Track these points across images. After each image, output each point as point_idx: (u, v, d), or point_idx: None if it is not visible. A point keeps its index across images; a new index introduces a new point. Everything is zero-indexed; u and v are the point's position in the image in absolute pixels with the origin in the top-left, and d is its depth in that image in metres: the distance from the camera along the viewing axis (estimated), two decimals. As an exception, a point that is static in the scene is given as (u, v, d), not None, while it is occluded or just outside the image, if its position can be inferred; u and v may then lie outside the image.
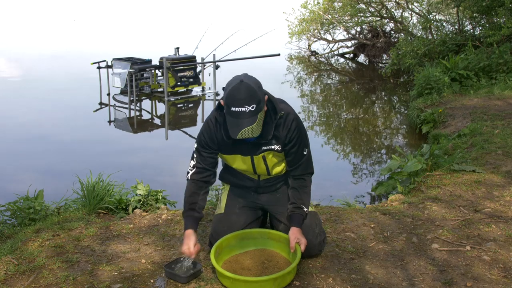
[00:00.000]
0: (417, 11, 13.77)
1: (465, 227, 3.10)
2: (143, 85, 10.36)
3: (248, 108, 2.29)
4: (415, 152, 5.17)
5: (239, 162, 2.64)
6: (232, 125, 2.34)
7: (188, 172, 2.69)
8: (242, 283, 2.36)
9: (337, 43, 16.81)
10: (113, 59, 10.26)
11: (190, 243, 2.51)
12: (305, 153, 2.62)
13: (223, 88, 2.46)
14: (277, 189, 2.82)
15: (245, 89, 2.31)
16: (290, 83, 12.38)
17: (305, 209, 2.63)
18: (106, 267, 2.59)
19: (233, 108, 2.31)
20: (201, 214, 2.65)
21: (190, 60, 10.36)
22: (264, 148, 2.55)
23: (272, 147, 2.56)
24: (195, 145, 2.65)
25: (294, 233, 2.55)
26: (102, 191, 3.67)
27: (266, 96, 2.45)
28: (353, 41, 16.40)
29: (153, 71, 10.14)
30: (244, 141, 2.52)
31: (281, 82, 12.20)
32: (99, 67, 10.32)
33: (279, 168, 2.70)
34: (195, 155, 2.66)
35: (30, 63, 15.27)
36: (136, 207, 3.72)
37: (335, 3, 15.13)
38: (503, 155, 4.58)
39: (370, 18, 14.48)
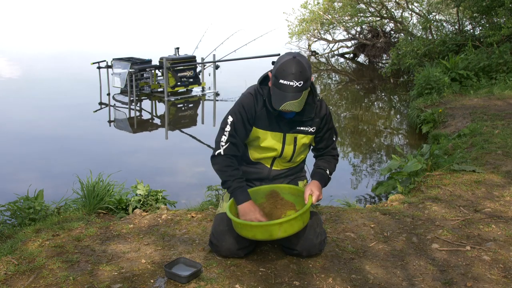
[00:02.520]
0: (417, 11, 13.78)
1: (465, 227, 3.10)
2: (143, 85, 10.35)
3: (295, 84, 2.41)
4: (415, 152, 5.17)
5: (270, 140, 2.68)
6: (277, 96, 2.45)
7: (218, 148, 2.68)
8: (249, 228, 2.46)
9: (337, 43, 16.81)
10: (113, 59, 10.25)
11: (257, 214, 2.56)
12: (334, 139, 2.82)
13: (272, 63, 2.57)
14: None
15: (296, 65, 2.42)
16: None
17: (328, 172, 2.77)
18: (106, 267, 2.59)
19: (281, 81, 2.42)
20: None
21: (190, 60, 10.35)
22: (298, 128, 2.67)
23: (307, 128, 2.69)
24: (230, 119, 2.65)
25: (310, 185, 2.65)
26: (102, 191, 3.67)
27: (312, 77, 2.55)
28: (353, 41, 16.40)
29: (153, 71, 10.14)
30: (282, 117, 2.63)
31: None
32: (99, 67, 10.31)
33: (299, 157, 2.83)
34: (228, 129, 2.66)
35: (30, 63, 15.26)
36: (136, 207, 3.72)
37: (335, 3, 15.13)
38: (503, 155, 4.58)
39: (370, 18, 14.49)
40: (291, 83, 2.40)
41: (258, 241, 2.63)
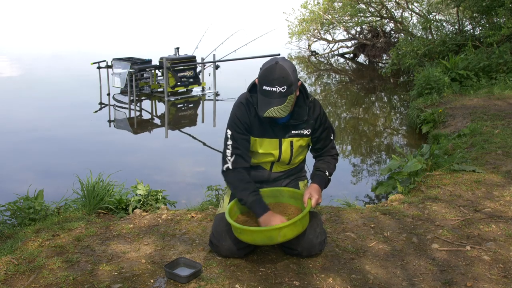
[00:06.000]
0: (417, 11, 13.78)
1: (465, 227, 3.10)
2: (143, 85, 10.36)
3: (279, 89, 2.39)
4: (415, 152, 5.17)
5: (266, 146, 2.68)
6: (262, 103, 2.44)
7: (226, 163, 2.66)
8: (249, 233, 2.46)
9: (337, 43, 16.81)
10: (113, 59, 10.26)
11: (280, 220, 2.49)
12: (331, 138, 2.79)
13: (261, 68, 2.55)
14: None
15: (279, 70, 2.41)
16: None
17: (327, 174, 2.75)
18: (106, 267, 2.59)
19: (264, 87, 2.42)
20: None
21: (190, 60, 10.35)
22: (293, 132, 2.66)
23: (302, 131, 2.67)
24: (229, 132, 2.65)
25: (309, 189, 2.63)
26: (102, 191, 3.67)
27: (300, 81, 2.54)
28: (353, 41, 16.41)
29: (153, 71, 10.14)
30: (275, 123, 2.62)
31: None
32: (99, 67, 10.32)
33: (297, 159, 2.81)
34: (230, 142, 2.65)
35: (30, 63, 15.26)
36: (136, 207, 3.72)
37: (335, 3, 15.15)
38: (503, 155, 4.58)
39: (370, 18, 14.49)
40: (274, 89, 2.39)
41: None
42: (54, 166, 6.13)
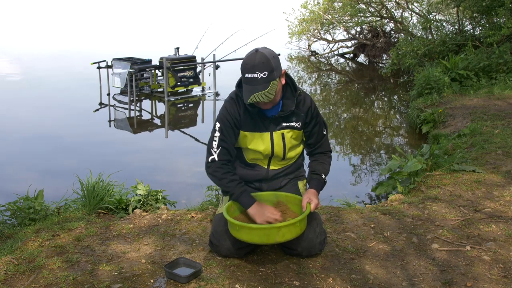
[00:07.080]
0: (417, 11, 13.78)
1: (465, 227, 3.10)
2: (143, 85, 10.36)
3: (260, 75, 2.42)
4: (415, 152, 5.17)
5: (258, 140, 2.68)
6: (246, 91, 2.47)
7: (211, 154, 2.68)
8: (247, 230, 2.44)
9: (337, 43, 16.82)
10: (113, 59, 10.26)
11: (272, 211, 2.56)
12: (324, 132, 2.80)
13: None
14: (281, 188, 2.86)
15: (259, 57, 2.44)
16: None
17: (324, 177, 2.75)
18: (106, 267, 2.59)
19: (247, 75, 2.45)
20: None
21: (190, 60, 10.36)
22: (284, 124, 2.67)
23: (292, 124, 2.68)
24: (218, 125, 2.67)
25: (308, 194, 2.63)
26: (102, 191, 3.67)
27: (284, 70, 2.56)
28: (353, 41, 16.42)
29: (153, 71, 10.15)
30: (265, 116, 2.63)
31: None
32: (99, 67, 10.32)
33: (293, 153, 2.80)
34: (217, 134, 2.67)
35: (30, 62, 15.27)
36: (136, 207, 3.72)
37: (335, 3, 15.15)
38: (503, 155, 4.58)
39: (370, 18, 14.49)
40: (255, 75, 2.42)
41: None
42: (54, 166, 6.13)
